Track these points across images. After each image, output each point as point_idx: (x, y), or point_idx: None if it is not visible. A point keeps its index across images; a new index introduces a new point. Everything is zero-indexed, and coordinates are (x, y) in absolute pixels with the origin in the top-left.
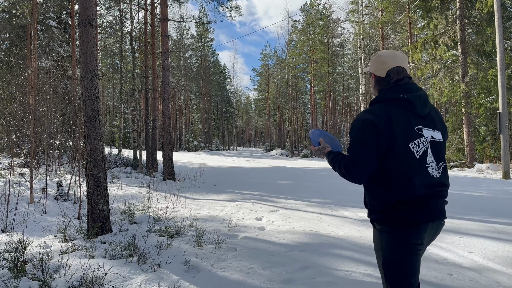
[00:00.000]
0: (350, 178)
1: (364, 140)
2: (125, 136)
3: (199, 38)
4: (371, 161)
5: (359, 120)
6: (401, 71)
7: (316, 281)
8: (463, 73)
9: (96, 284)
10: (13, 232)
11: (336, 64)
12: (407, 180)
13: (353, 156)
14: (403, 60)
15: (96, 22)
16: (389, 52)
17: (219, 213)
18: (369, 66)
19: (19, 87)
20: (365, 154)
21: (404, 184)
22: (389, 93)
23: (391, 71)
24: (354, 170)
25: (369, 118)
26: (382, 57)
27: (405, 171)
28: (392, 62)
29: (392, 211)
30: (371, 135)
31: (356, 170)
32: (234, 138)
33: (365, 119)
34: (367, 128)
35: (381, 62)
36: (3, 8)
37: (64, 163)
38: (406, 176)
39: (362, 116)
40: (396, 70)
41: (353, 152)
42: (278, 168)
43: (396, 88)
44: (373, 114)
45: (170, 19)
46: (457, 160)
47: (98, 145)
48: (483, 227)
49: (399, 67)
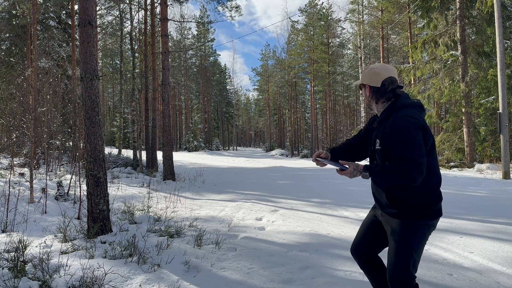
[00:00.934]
0: (412, 180)
1: (419, 142)
2: (125, 136)
3: (199, 38)
4: (425, 159)
5: (408, 124)
6: (394, 80)
7: (316, 281)
8: (463, 73)
9: (96, 284)
10: (13, 232)
11: (336, 64)
12: (439, 175)
13: (414, 158)
14: (394, 72)
15: (96, 22)
16: (381, 65)
17: (219, 213)
18: (362, 79)
19: (19, 87)
20: (423, 154)
21: (439, 179)
22: (409, 99)
23: (385, 81)
24: (417, 170)
25: (417, 122)
26: (375, 69)
27: (437, 166)
28: (385, 73)
29: (435, 204)
30: (421, 137)
31: (419, 170)
32: (234, 138)
33: (415, 123)
34: (418, 130)
35: (375, 73)
36: (3, 8)
37: (64, 163)
38: (438, 171)
39: (410, 120)
40: (389, 80)
41: (412, 154)
42: (278, 168)
43: (406, 95)
44: (417, 119)
45: (170, 19)
46: (457, 160)
47: (98, 145)
48: (483, 227)
49: (391, 77)
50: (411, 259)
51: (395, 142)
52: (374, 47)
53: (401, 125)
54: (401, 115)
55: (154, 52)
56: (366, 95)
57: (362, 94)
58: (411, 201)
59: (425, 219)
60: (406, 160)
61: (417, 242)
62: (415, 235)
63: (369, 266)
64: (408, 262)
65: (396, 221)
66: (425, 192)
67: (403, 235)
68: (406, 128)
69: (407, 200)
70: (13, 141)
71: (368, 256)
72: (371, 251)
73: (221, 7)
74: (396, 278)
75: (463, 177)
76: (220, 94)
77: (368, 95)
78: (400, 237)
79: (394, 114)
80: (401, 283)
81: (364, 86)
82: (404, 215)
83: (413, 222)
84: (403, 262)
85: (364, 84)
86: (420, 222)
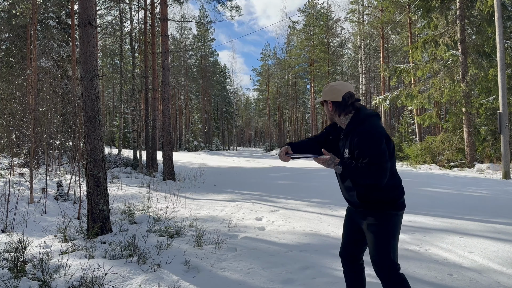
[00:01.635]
0: (379, 180)
1: (384, 150)
2: (125, 136)
3: (199, 38)
4: (389, 164)
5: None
6: (352, 95)
7: (316, 281)
8: (463, 73)
9: (96, 284)
10: (13, 232)
11: (336, 64)
12: (398, 174)
13: (381, 163)
14: (351, 87)
15: (96, 22)
16: (339, 82)
17: (219, 213)
18: (324, 96)
19: (19, 87)
20: (387, 160)
21: (399, 177)
22: (368, 110)
23: (345, 95)
24: (383, 173)
25: (382, 133)
26: (336, 86)
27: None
28: (344, 88)
29: (400, 197)
30: (385, 145)
31: (385, 173)
32: (234, 138)
33: (380, 133)
34: (383, 140)
35: (336, 89)
36: (3, 8)
37: (64, 163)
38: (396, 171)
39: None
40: (349, 94)
41: (380, 160)
42: (278, 168)
43: (364, 106)
44: (381, 130)
45: (170, 19)
46: (457, 160)
47: (98, 145)
48: (483, 227)
49: (350, 91)
50: (390, 247)
51: (364, 151)
52: (374, 47)
53: (369, 137)
54: (368, 128)
55: (154, 52)
56: (329, 110)
57: (324, 109)
58: (380, 197)
59: (395, 210)
60: (375, 164)
61: (392, 231)
62: (389, 225)
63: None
64: (388, 250)
65: (370, 216)
66: (391, 189)
67: (379, 227)
68: (374, 140)
69: (377, 196)
70: (13, 141)
71: (354, 257)
72: (356, 252)
73: (221, 7)
74: (382, 267)
75: (463, 177)
76: (220, 94)
77: (331, 110)
78: (376, 228)
79: (361, 127)
80: (387, 270)
81: (326, 102)
82: (377, 209)
83: (385, 214)
84: (384, 251)
85: (326, 101)
86: (392, 213)
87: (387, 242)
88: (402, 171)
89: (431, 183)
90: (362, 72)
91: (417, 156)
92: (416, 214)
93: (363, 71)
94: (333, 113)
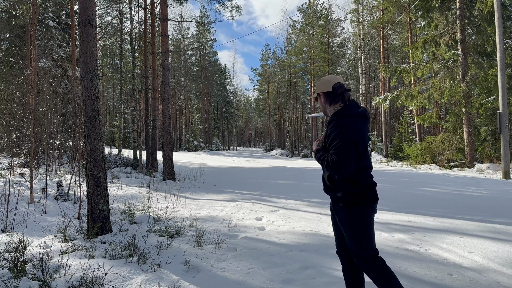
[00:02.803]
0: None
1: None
2: (125, 136)
3: (199, 38)
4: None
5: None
6: (342, 85)
7: (316, 281)
8: (463, 73)
9: (96, 284)
10: (13, 232)
11: (336, 64)
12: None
13: (342, 159)
14: (341, 79)
15: (96, 22)
16: (329, 75)
17: (219, 213)
18: (316, 90)
19: (19, 87)
20: (350, 159)
21: (370, 174)
22: (355, 109)
23: (335, 85)
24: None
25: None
26: (326, 78)
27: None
28: (333, 80)
29: (369, 192)
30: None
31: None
32: (234, 138)
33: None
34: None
35: (326, 81)
36: (3, 8)
37: (64, 163)
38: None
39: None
40: (338, 84)
41: (341, 156)
42: (278, 168)
43: (353, 104)
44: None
45: (170, 19)
46: (457, 160)
47: (98, 145)
48: (483, 227)
49: (339, 82)
50: (364, 239)
51: (331, 142)
52: (374, 47)
53: (339, 132)
54: (341, 124)
55: (154, 52)
56: (322, 102)
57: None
58: (349, 191)
59: (363, 206)
60: (337, 158)
61: (363, 225)
62: (358, 219)
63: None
64: (361, 242)
65: (340, 212)
66: (360, 185)
67: (348, 222)
68: (341, 137)
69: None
70: (13, 141)
71: (348, 252)
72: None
73: (221, 7)
74: (358, 258)
75: (463, 177)
76: (220, 94)
77: (323, 101)
78: (346, 223)
79: (338, 121)
80: (364, 261)
81: (319, 95)
82: (346, 203)
83: (353, 209)
84: (357, 243)
85: (319, 94)
86: (360, 208)
87: (359, 235)
88: (402, 171)
89: (431, 183)
90: (362, 72)
91: (417, 156)
92: (416, 214)
93: (363, 71)
94: (325, 104)
